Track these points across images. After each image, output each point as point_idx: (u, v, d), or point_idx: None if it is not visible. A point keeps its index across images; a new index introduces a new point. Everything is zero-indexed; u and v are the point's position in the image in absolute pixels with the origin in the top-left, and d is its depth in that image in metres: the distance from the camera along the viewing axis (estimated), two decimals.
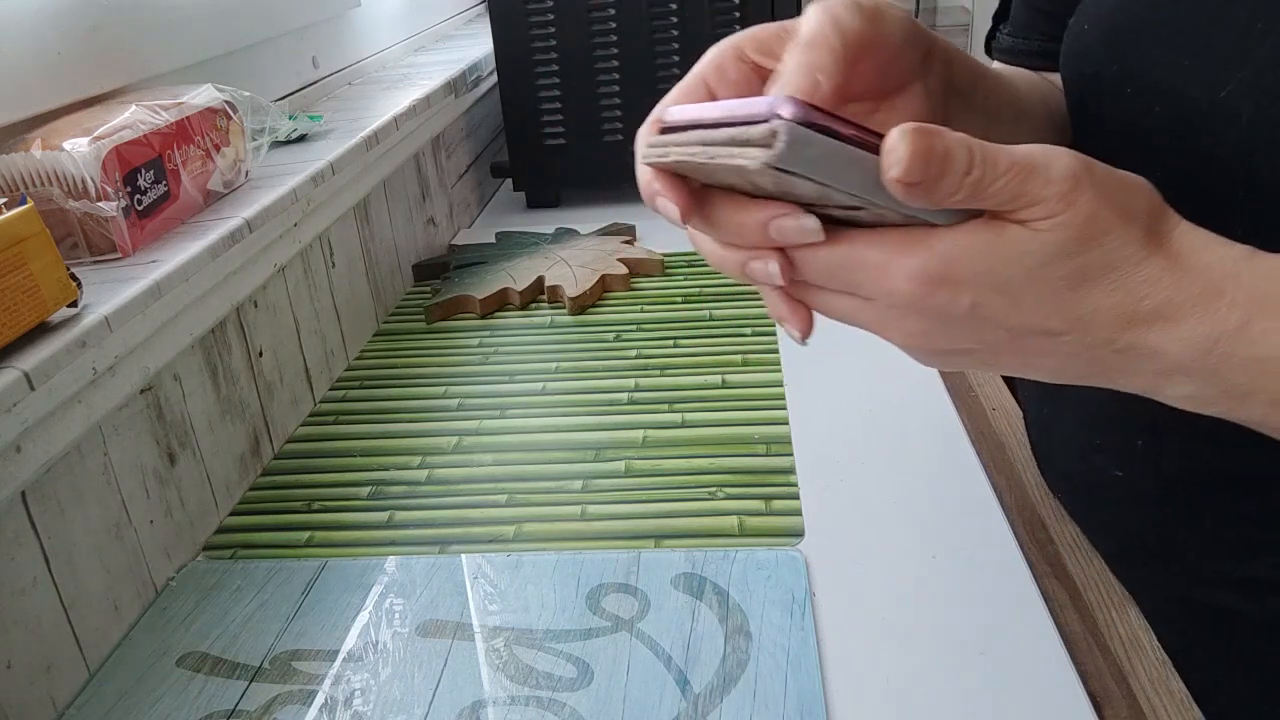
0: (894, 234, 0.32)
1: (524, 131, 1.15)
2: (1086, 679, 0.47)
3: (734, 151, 0.30)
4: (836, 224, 0.34)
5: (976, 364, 0.35)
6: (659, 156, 0.34)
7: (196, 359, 0.62)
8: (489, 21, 1.11)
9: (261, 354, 0.70)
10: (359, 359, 0.84)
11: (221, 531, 0.62)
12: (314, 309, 0.78)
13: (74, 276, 0.49)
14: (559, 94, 1.12)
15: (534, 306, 0.91)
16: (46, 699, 0.48)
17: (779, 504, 0.60)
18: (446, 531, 0.60)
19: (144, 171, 0.58)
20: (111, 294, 0.51)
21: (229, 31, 0.82)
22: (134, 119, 0.59)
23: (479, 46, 1.27)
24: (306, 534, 0.61)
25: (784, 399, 0.71)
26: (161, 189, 0.60)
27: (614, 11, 1.08)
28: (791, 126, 0.29)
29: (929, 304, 0.32)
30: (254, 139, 0.73)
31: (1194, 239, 0.32)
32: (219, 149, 0.67)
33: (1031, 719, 0.44)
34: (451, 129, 1.14)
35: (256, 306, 0.69)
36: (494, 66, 1.14)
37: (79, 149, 0.54)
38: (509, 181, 1.27)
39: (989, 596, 0.51)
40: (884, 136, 0.30)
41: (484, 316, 0.89)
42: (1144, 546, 0.54)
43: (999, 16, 0.64)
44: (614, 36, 1.09)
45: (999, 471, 0.65)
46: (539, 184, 1.20)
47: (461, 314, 0.90)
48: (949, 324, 0.33)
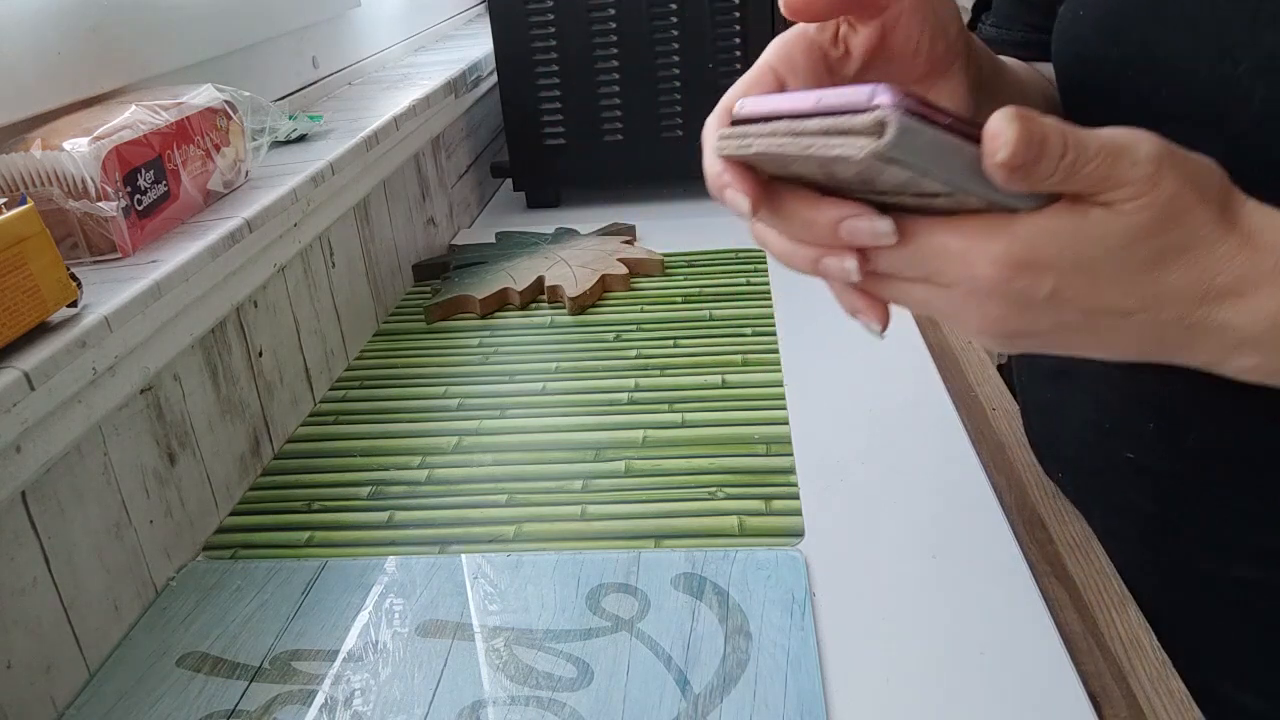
0: (973, 221, 0.33)
1: (524, 131, 1.15)
2: (1086, 679, 0.47)
3: (833, 141, 0.30)
4: (909, 212, 0.34)
5: (1044, 345, 0.35)
6: (740, 148, 0.33)
7: (196, 359, 0.62)
8: (489, 21, 1.11)
9: (261, 354, 0.70)
10: (359, 359, 0.84)
11: (221, 531, 0.62)
12: (314, 309, 0.78)
13: (74, 276, 0.49)
14: (559, 94, 1.12)
15: (534, 306, 0.91)
16: (46, 699, 0.48)
17: (779, 504, 0.60)
18: (446, 531, 0.60)
19: (144, 171, 0.58)
20: (111, 294, 0.51)
21: (229, 31, 0.82)
22: (134, 119, 0.59)
23: (479, 46, 1.27)
24: (306, 534, 0.61)
25: (784, 399, 0.71)
26: (161, 189, 0.60)
27: (614, 11, 1.08)
28: (900, 115, 0.29)
29: (1011, 289, 0.32)
30: (254, 139, 0.73)
31: (1262, 216, 0.33)
32: (219, 149, 0.67)
33: (1031, 719, 0.44)
34: (451, 129, 1.14)
35: (256, 306, 0.69)
36: (494, 66, 1.14)
37: (79, 149, 0.54)
38: (509, 181, 1.27)
39: (989, 596, 0.51)
40: (976, 124, 0.30)
41: (484, 316, 0.89)
42: (1155, 524, 0.54)
43: (981, 7, 0.64)
44: (614, 36, 1.09)
45: (999, 471, 0.65)
46: (539, 184, 1.20)
47: (461, 314, 0.90)
48: (1028, 308, 0.33)
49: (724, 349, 0.79)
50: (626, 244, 1.00)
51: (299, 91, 0.95)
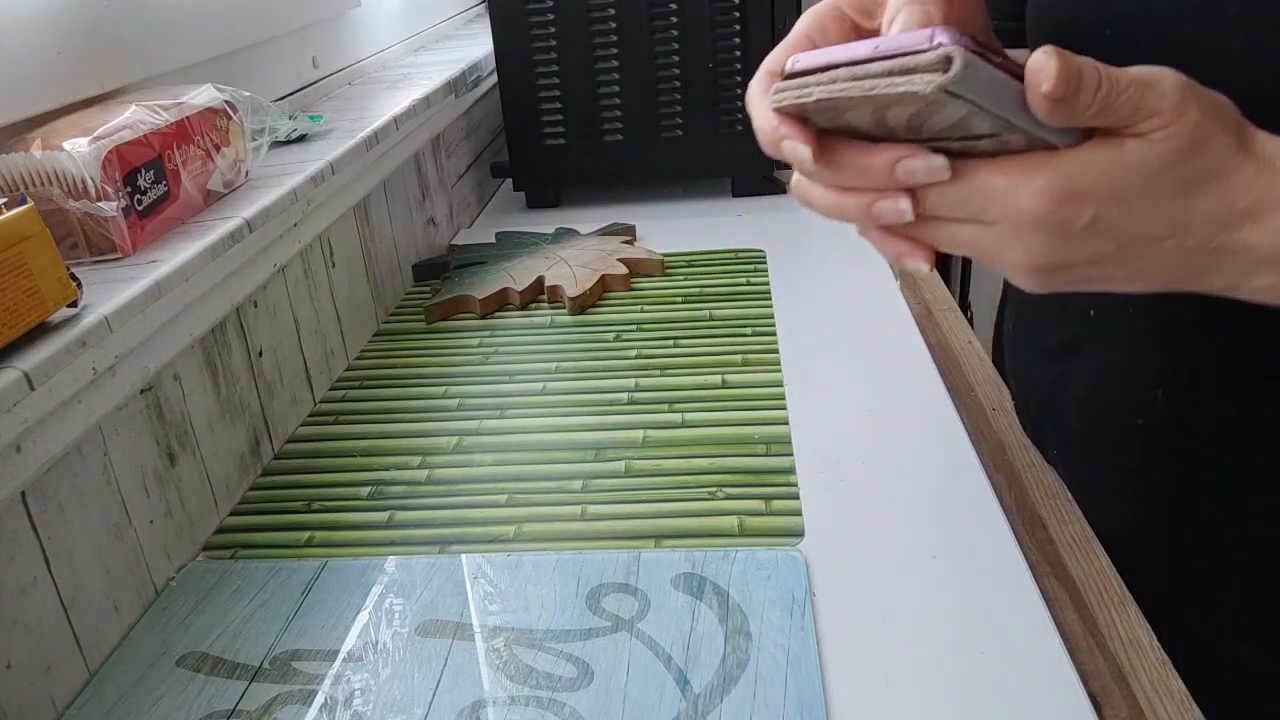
0: (1016, 159, 0.35)
1: (524, 131, 1.15)
2: (1086, 679, 0.47)
3: (897, 80, 0.32)
4: (953, 157, 0.36)
5: (1080, 279, 0.37)
6: (799, 97, 0.35)
7: (196, 359, 0.62)
8: (489, 21, 1.11)
9: (261, 354, 0.70)
10: (359, 359, 0.84)
11: (221, 531, 0.62)
12: (314, 309, 0.78)
13: (74, 276, 0.49)
14: (559, 94, 1.12)
15: (534, 306, 0.91)
16: (46, 699, 0.48)
17: (779, 504, 0.60)
18: (446, 531, 0.60)
19: (144, 171, 0.58)
20: (111, 294, 0.51)
21: (229, 31, 0.82)
22: (134, 119, 0.59)
23: (479, 46, 1.27)
24: (306, 534, 0.61)
25: (784, 399, 0.71)
26: (161, 189, 0.60)
27: (614, 11, 1.08)
28: (964, 51, 0.31)
29: (1055, 220, 0.34)
30: (254, 139, 0.73)
31: (1274, 144, 0.36)
32: (219, 149, 0.67)
33: (1031, 719, 0.44)
34: (451, 129, 1.14)
35: (256, 306, 0.69)
36: (494, 66, 1.14)
37: (79, 149, 0.54)
38: (509, 181, 1.27)
39: (989, 596, 0.51)
40: (1019, 63, 0.33)
41: (484, 316, 0.89)
42: (1164, 491, 0.54)
43: None
44: (614, 36, 1.09)
45: (999, 471, 0.65)
46: (539, 184, 1.20)
47: (461, 314, 0.90)
48: (1068, 238, 0.35)
49: (724, 349, 0.79)
50: (626, 244, 1.00)
51: (299, 91, 0.95)
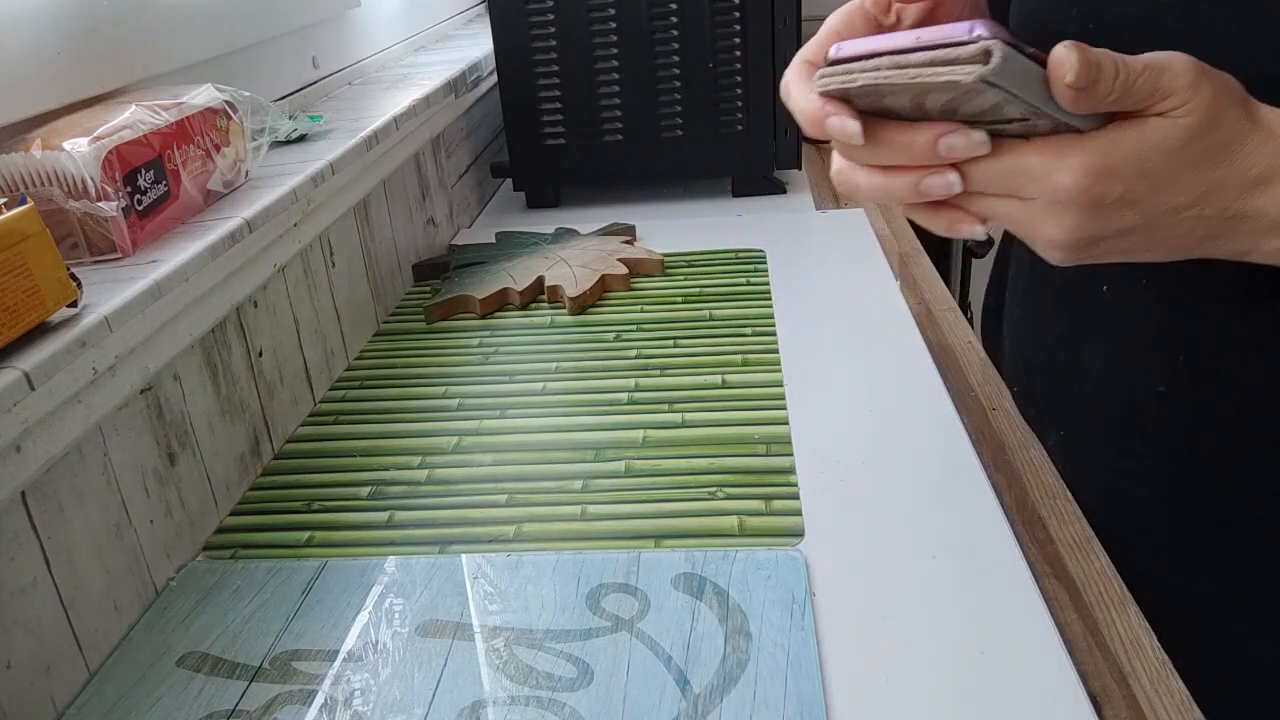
0: (1049, 140, 0.38)
1: (524, 131, 1.15)
2: (1086, 679, 0.47)
3: (939, 70, 0.35)
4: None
5: (1105, 252, 0.40)
6: (844, 82, 0.38)
7: (196, 359, 0.62)
8: (489, 21, 1.11)
9: (261, 354, 0.70)
10: (359, 359, 0.84)
11: (221, 531, 0.62)
12: (314, 309, 0.78)
13: (74, 276, 0.49)
14: (559, 94, 1.12)
15: (534, 306, 0.91)
16: (46, 699, 0.48)
17: (779, 504, 0.60)
18: (446, 531, 0.60)
19: (144, 171, 0.58)
20: (111, 294, 0.51)
21: (229, 31, 0.82)
22: (134, 119, 0.59)
23: (479, 46, 1.27)
24: (306, 534, 0.61)
25: (784, 399, 0.71)
26: (161, 189, 0.60)
27: (614, 11, 1.08)
28: (1002, 45, 0.34)
29: (1087, 197, 0.37)
30: (254, 139, 0.73)
31: (1276, 114, 0.38)
32: (219, 149, 0.67)
33: (1031, 719, 0.44)
34: (451, 129, 1.14)
35: (256, 306, 0.69)
36: (494, 66, 1.14)
37: (79, 149, 0.54)
38: (509, 181, 1.27)
39: (989, 596, 0.51)
40: (1043, 55, 0.36)
41: (484, 316, 0.89)
42: (1183, 458, 0.54)
43: None
44: (614, 36, 1.09)
45: (999, 471, 0.65)
46: (539, 184, 1.20)
47: (461, 314, 0.90)
48: (1098, 213, 0.38)
49: (724, 349, 0.79)
50: (626, 244, 1.00)
51: (299, 91, 0.95)
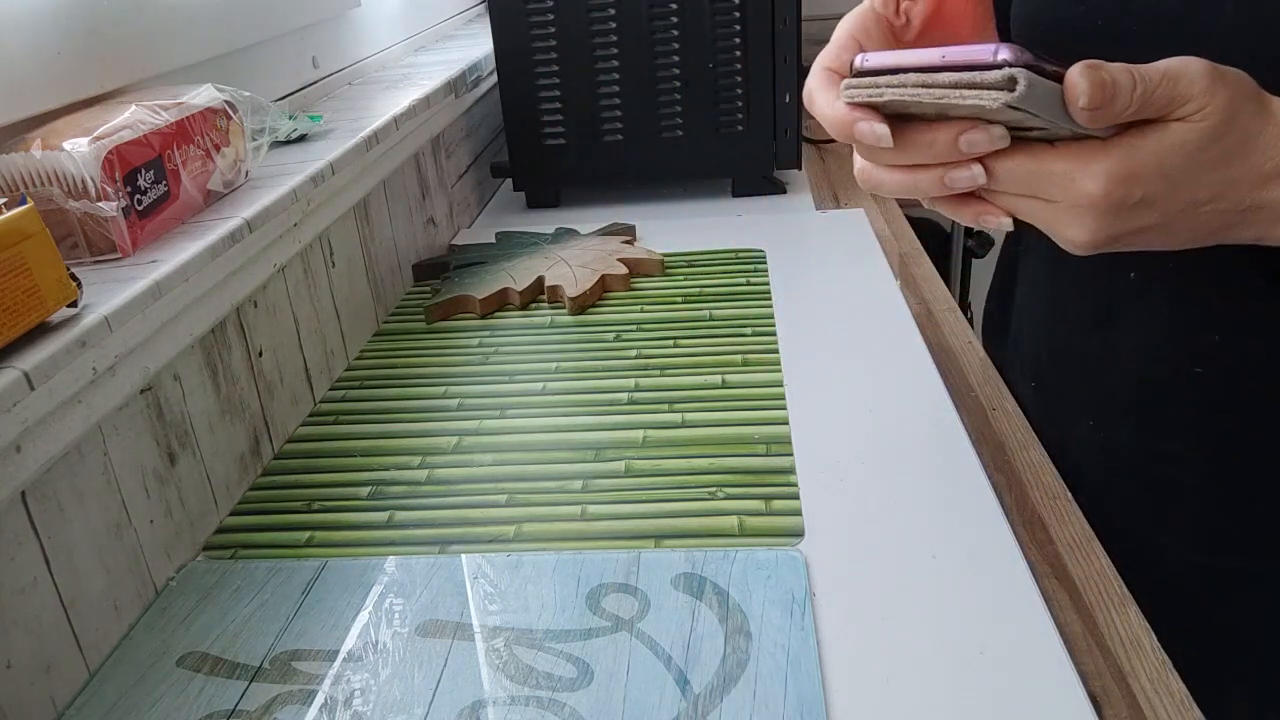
0: (1073, 148, 0.39)
1: (524, 131, 1.15)
2: (1086, 679, 0.47)
3: (966, 94, 0.36)
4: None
5: (1125, 245, 0.41)
6: (870, 95, 0.40)
7: (196, 359, 0.62)
8: (489, 21, 1.11)
9: (261, 354, 0.70)
10: (359, 359, 0.84)
11: (221, 531, 0.62)
12: (314, 309, 0.78)
13: (74, 276, 0.49)
14: (559, 94, 1.12)
15: (534, 306, 0.91)
16: (46, 699, 0.48)
17: (779, 504, 0.60)
18: (446, 531, 0.60)
19: (144, 171, 0.58)
20: (111, 294, 0.51)
21: (229, 31, 0.82)
22: (134, 119, 0.59)
23: (479, 46, 1.27)
24: (306, 534, 0.61)
25: (784, 399, 0.71)
26: (161, 189, 0.60)
27: (614, 11, 1.08)
28: (1027, 73, 0.35)
29: (1110, 200, 0.39)
30: (254, 139, 0.73)
31: None
32: (219, 149, 0.67)
33: (1031, 719, 0.44)
34: (451, 129, 1.14)
35: (256, 306, 0.69)
36: (494, 66, 1.14)
37: (79, 149, 0.54)
38: (509, 181, 1.27)
39: (989, 596, 0.51)
40: (1062, 71, 0.37)
41: (484, 316, 0.89)
42: (1226, 438, 0.55)
43: None
44: (614, 36, 1.09)
45: (999, 471, 0.65)
46: (539, 184, 1.20)
47: (461, 314, 0.90)
48: (1119, 215, 0.39)
49: (724, 349, 0.79)
50: (626, 244, 1.00)
51: (299, 91, 0.95)
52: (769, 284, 0.91)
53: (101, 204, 0.55)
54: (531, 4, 1.09)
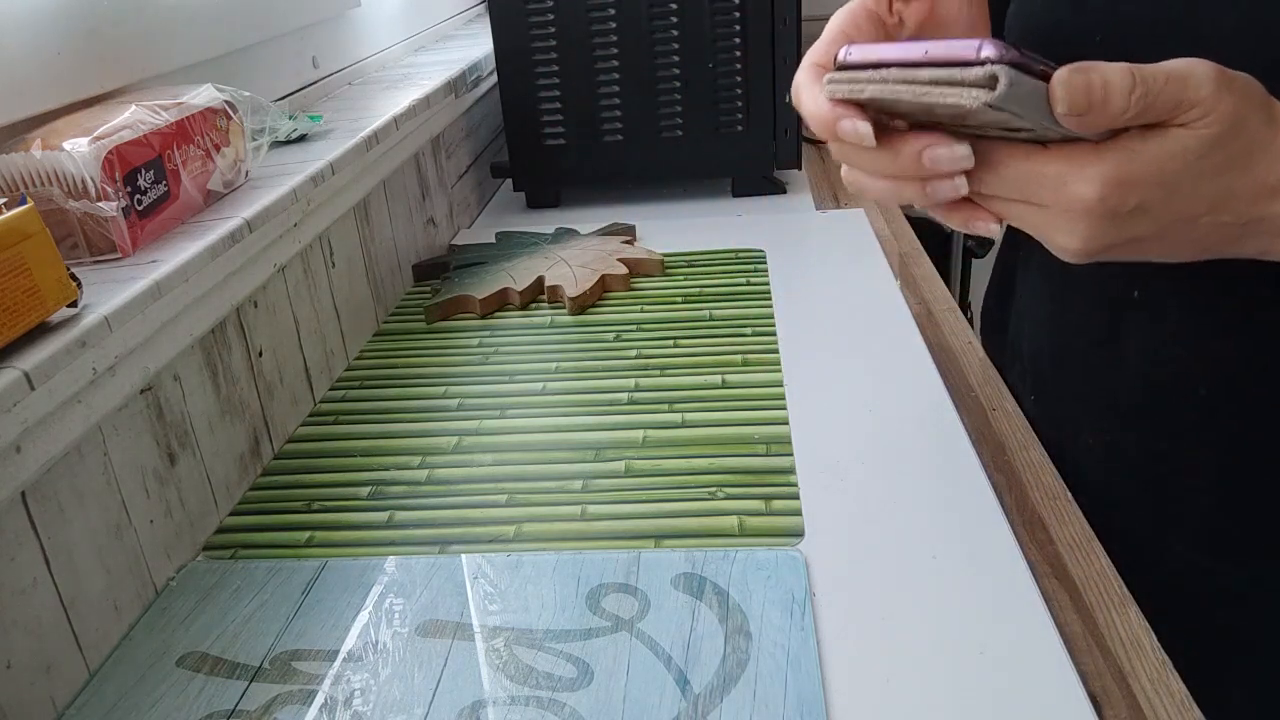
0: (1066, 150, 0.37)
1: (524, 131, 1.15)
2: (1086, 679, 0.47)
3: (946, 91, 0.34)
4: (993, 141, 0.38)
5: (1119, 254, 0.40)
6: (851, 91, 0.38)
7: (196, 359, 0.62)
8: (489, 21, 1.11)
9: (261, 354, 0.70)
10: (359, 359, 0.84)
11: (221, 531, 0.62)
12: (314, 309, 0.78)
13: (74, 276, 0.49)
14: (559, 94, 1.12)
15: (534, 306, 0.91)
16: (46, 699, 0.48)
17: (779, 504, 0.60)
18: (446, 531, 0.60)
19: (144, 171, 0.58)
20: (111, 294, 0.51)
21: (229, 31, 0.82)
22: (134, 119, 0.59)
23: (479, 46, 1.27)
24: (306, 534, 0.61)
25: (784, 399, 0.71)
26: (161, 189, 0.60)
27: (614, 11, 1.08)
28: (1009, 70, 0.33)
29: (1104, 206, 0.37)
30: (254, 139, 0.73)
31: None
32: (219, 149, 0.67)
33: (1031, 719, 0.44)
34: (451, 129, 1.14)
35: (256, 306, 0.69)
36: (494, 66, 1.14)
37: (79, 149, 0.54)
38: (509, 181, 1.27)
39: (989, 596, 0.51)
40: (1053, 70, 0.35)
41: (484, 316, 0.89)
42: (1236, 449, 0.54)
43: None
44: (614, 36, 1.09)
45: (999, 472, 0.65)
46: (539, 184, 1.20)
47: (461, 314, 0.90)
48: (1113, 222, 0.37)
49: (724, 349, 0.79)
50: (626, 244, 1.00)
51: (299, 91, 0.95)
52: (769, 284, 0.91)
53: (101, 204, 0.55)
54: (531, 4, 1.09)
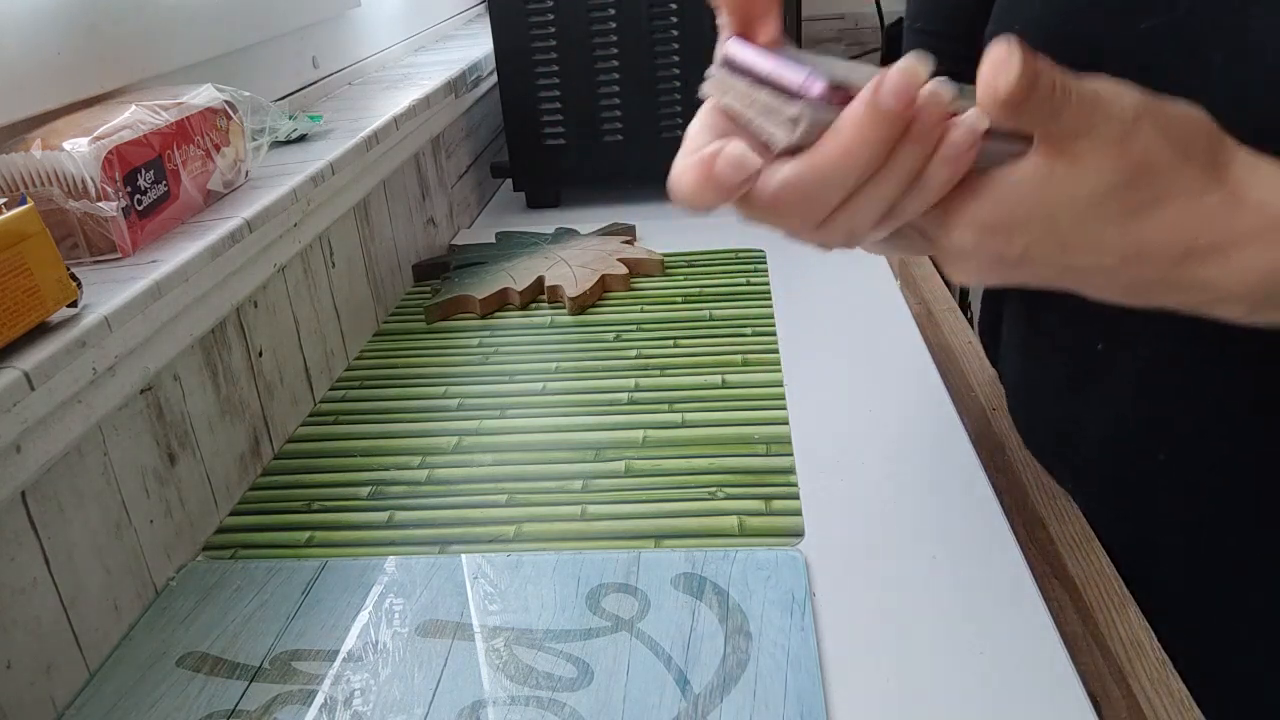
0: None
1: (524, 131, 1.15)
2: (1086, 679, 0.47)
3: (765, 122, 0.33)
4: None
5: (1037, 286, 0.36)
6: (717, 93, 0.37)
7: (196, 359, 0.62)
8: (489, 21, 1.11)
9: (261, 354, 0.70)
10: (359, 359, 0.84)
11: (221, 531, 0.62)
12: (314, 309, 0.78)
13: (74, 276, 0.49)
14: (559, 94, 1.12)
15: (534, 306, 0.91)
16: (46, 699, 0.48)
17: (779, 504, 0.60)
18: (446, 531, 0.60)
19: (144, 171, 0.58)
20: (111, 294, 0.51)
21: (229, 31, 0.82)
22: (134, 119, 0.59)
23: (479, 46, 1.27)
24: (306, 534, 0.61)
25: (784, 399, 0.71)
26: (161, 189, 0.60)
27: (614, 11, 1.08)
28: (813, 113, 0.31)
29: (985, 251, 0.33)
30: (254, 139, 0.73)
31: (1252, 170, 0.32)
32: (219, 149, 0.67)
33: (1031, 719, 0.44)
34: (451, 129, 1.14)
35: (256, 306, 0.69)
36: (494, 66, 1.14)
37: (79, 149, 0.54)
38: (509, 181, 1.27)
39: (989, 596, 0.51)
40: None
41: (484, 316, 0.89)
42: (1204, 512, 0.53)
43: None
44: (614, 36, 1.09)
45: (999, 472, 0.65)
46: (539, 184, 1.20)
47: (461, 314, 0.90)
48: (1002, 266, 0.34)
49: (724, 349, 0.79)
50: (626, 244, 1.00)
51: (299, 91, 0.95)
52: (769, 284, 0.91)
53: (101, 204, 0.55)
54: (531, 4, 1.09)
